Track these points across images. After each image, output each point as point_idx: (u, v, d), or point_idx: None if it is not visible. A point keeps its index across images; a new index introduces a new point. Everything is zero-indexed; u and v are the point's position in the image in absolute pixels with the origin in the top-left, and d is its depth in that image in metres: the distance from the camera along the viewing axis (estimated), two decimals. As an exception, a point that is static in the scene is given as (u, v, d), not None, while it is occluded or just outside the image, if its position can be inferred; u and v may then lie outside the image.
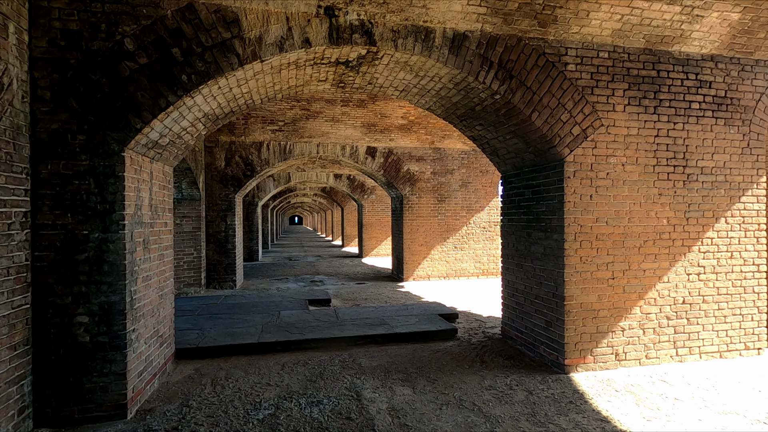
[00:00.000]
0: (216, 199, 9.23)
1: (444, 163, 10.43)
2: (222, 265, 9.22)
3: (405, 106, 8.88)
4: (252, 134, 9.23)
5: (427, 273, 10.25)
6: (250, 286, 9.62)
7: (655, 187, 4.33)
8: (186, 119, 3.75)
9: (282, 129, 9.20)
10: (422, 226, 10.23)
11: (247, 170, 9.35)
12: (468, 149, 10.55)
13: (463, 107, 4.59)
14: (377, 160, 10.06)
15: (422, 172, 10.31)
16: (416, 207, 10.23)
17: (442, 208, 10.38)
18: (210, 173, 9.19)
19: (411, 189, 10.22)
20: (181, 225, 8.49)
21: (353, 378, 4.05)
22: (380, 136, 9.75)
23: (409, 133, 9.81)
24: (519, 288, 4.88)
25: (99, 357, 3.17)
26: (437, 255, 10.30)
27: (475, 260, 10.53)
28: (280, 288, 9.35)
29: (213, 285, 9.17)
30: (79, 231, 3.15)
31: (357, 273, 11.86)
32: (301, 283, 10.14)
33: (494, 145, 4.93)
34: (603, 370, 4.18)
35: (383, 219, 16.49)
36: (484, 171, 10.62)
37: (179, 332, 5.09)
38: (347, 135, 9.59)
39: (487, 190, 10.64)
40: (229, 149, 9.29)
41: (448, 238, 10.38)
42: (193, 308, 6.49)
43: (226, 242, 9.24)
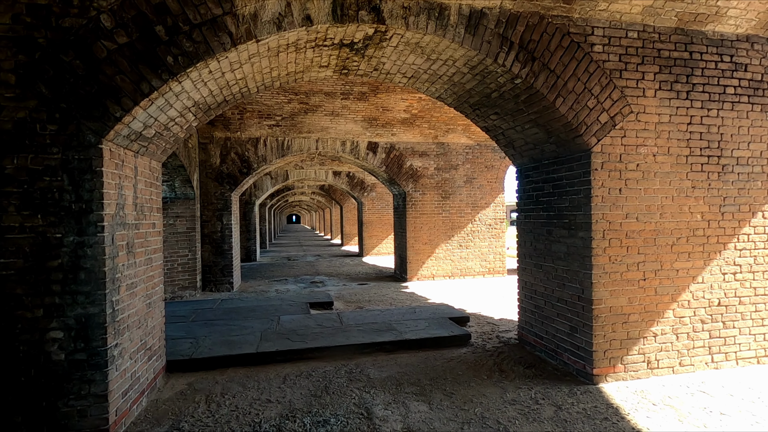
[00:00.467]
0: (211, 198, 8.83)
1: (448, 159, 10.06)
2: (218, 266, 8.84)
3: (407, 98, 8.51)
4: (248, 130, 8.83)
5: (432, 272, 9.90)
6: (248, 288, 9.24)
7: (688, 179, 3.97)
8: (174, 108, 3.37)
9: (279, 124, 8.80)
10: (426, 223, 9.87)
11: (244, 167, 8.96)
12: (473, 144, 10.18)
13: (477, 94, 4.21)
14: (379, 156, 9.68)
15: (425, 167, 9.94)
16: (419, 204, 9.86)
17: (447, 205, 10.02)
18: (205, 171, 8.79)
19: (414, 185, 9.85)
20: (174, 225, 8.10)
21: (362, 392, 3.69)
22: (382, 130, 9.37)
23: (412, 128, 9.44)
24: (538, 290, 4.52)
25: (76, 377, 2.79)
26: (442, 254, 9.95)
27: (481, 259, 10.18)
28: (280, 290, 8.97)
29: (209, 287, 8.79)
30: (51, 234, 2.77)
31: (358, 273, 11.50)
32: (301, 284, 9.77)
33: (510, 136, 4.56)
34: (634, 380, 3.83)
35: (384, 217, 16.12)
36: (490, 166, 10.26)
37: (171, 341, 4.71)
38: (347, 130, 9.20)
39: (492, 186, 10.28)
40: (225, 146, 8.89)
41: (453, 236, 10.02)
42: (187, 314, 6.11)
43: (223, 243, 8.86)
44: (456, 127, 9.59)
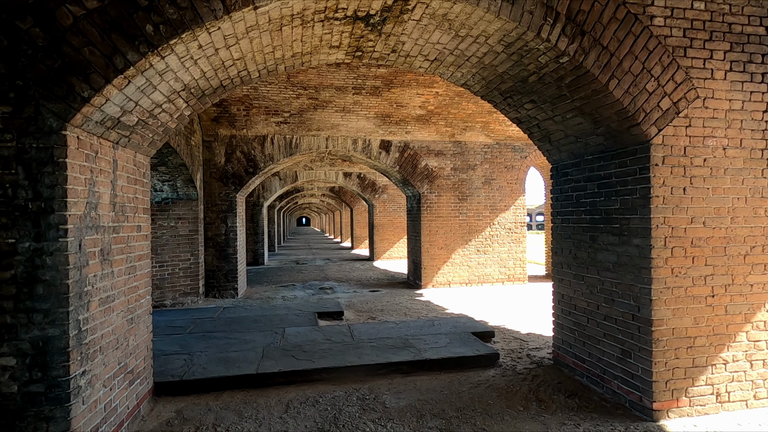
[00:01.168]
0: (215, 199, 8.38)
1: (465, 158, 9.48)
2: (222, 271, 8.37)
3: (423, 93, 7.96)
4: (254, 127, 8.37)
5: (448, 279, 9.31)
6: (253, 294, 8.75)
7: (764, 177, 3.36)
8: (159, 91, 2.87)
9: (287, 121, 8.32)
10: (442, 227, 9.29)
11: (250, 167, 8.49)
12: (491, 143, 9.59)
13: (511, 79, 3.65)
14: (392, 155, 9.14)
15: (441, 168, 9.37)
16: (435, 206, 9.29)
17: (464, 208, 9.43)
18: (209, 170, 8.34)
19: (429, 187, 9.29)
20: (176, 227, 7.65)
21: (377, 425, 3.14)
22: (395, 128, 8.84)
23: (428, 125, 8.89)
24: (579, 305, 3.93)
25: (31, 414, 2.29)
26: (458, 259, 9.36)
27: (500, 265, 9.57)
28: (287, 297, 8.47)
29: (212, 293, 8.32)
30: (2, 239, 2.27)
31: (369, 278, 10.95)
32: (309, 290, 9.25)
33: (547, 129, 3.99)
34: (701, 416, 3.21)
35: (395, 220, 15.58)
36: (510, 167, 9.66)
37: (163, 357, 4.22)
38: (359, 127, 8.69)
39: (512, 188, 9.67)
40: (230, 144, 8.44)
41: (471, 241, 9.43)
42: (185, 324, 5.62)
43: (227, 246, 8.39)
44: (474, 124, 9.02)
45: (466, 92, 8.03)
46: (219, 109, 7.83)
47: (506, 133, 9.37)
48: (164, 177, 7.29)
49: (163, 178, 7.31)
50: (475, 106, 8.46)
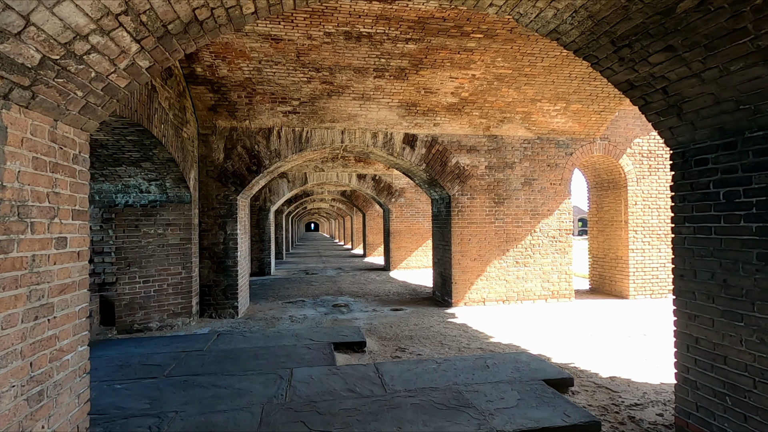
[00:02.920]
0: (213, 202, 7.18)
1: (502, 155, 8.18)
2: (220, 286, 7.14)
3: (458, 77, 6.71)
4: (258, 118, 7.17)
5: (482, 296, 7.98)
6: (256, 313, 7.51)
7: None
8: (75, 4, 1.64)
9: (297, 110, 7.11)
10: (475, 235, 7.99)
11: (253, 164, 7.29)
12: (532, 137, 8.28)
13: (641, 12, 2.36)
14: (417, 151, 7.88)
15: (475, 166, 8.08)
16: (467, 211, 8.00)
17: (500, 213, 8.12)
18: (205, 168, 7.15)
19: (461, 188, 7.99)
20: (164, 235, 6.45)
21: None
22: (422, 119, 7.58)
23: (459, 116, 7.62)
24: (734, 358, 2.60)
25: None
26: (494, 272, 8.03)
27: (542, 279, 8.22)
28: (295, 317, 7.21)
29: (208, 313, 7.10)
30: None
31: (388, 293, 9.66)
32: (321, 308, 7.99)
33: (680, 93, 2.68)
34: None
35: (414, 226, 14.29)
36: (553, 165, 8.33)
37: (120, 423, 2.97)
38: (380, 118, 7.45)
39: (556, 189, 8.33)
40: (230, 137, 7.24)
41: (508, 251, 8.10)
42: (165, 361, 4.38)
43: (226, 257, 7.17)
44: (513, 115, 7.73)
45: (508, 76, 6.77)
46: (216, 95, 6.64)
47: (550, 126, 8.07)
48: (150, 175, 6.11)
49: (149, 176, 6.12)
50: (517, 92, 7.18)
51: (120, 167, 5.85)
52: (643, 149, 8.70)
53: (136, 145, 5.31)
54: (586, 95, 7.44)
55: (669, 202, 8.73)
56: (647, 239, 8.64)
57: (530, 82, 6.99)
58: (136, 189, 6.34)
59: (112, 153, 5.47)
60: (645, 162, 8.70)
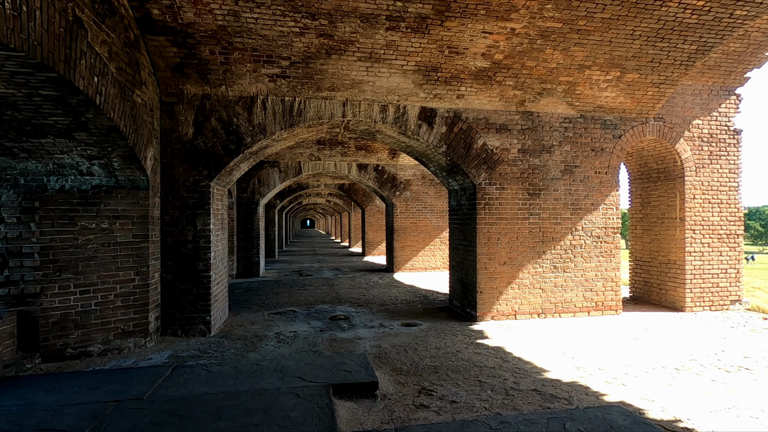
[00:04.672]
0: (179, 190, 5.67)
1: (538, 137, 6.72)
2: (188, 296, 5.64)
3: (492, 32, 5.23)
4: (238, 82, 5.65)
5: (513, 307, 6.54)
6: (234, 329, 6.02)
7: None
8: None
9: (287, 74, 5.61)
10: (505, 233, 6.53)
11: (231, 142, 5.78)
12: (574, 115, 6.82)
13: None
14: (436, 130, 6.40)
15: (505, 149, 6.61)
16: (496, 204, 6.54)
17: (535, 206, 6.67)
18: (169, 146, 5.63)
19: (488, 176, 6.53)
20: (110, 231, 4.94)
21: None
22: (443, 89, 6.10)
23: (489, 86, 6.15)
24: None
25: None
26: (527, 279, 6.59)
27: (584, 287, 6.78)
28: (282, 335, 5.72)
29: (173, 330, 5.60)
30: None
31: (396, 300, 8.19)
32: (315, 321, 6.50)
33: None
34: None
35: (420, 222, 12.82)
36: (598, 150, 6.89)
37: None
38: (391, 86, 5.96)
39: (601, 179, 6.90)
40: (201, 108, 5.72)
41: (545, 253, 6.66)
42: (75, 425, 2.88)
43: (196, 259, 5.67)
44: (555, 87, 6.27)
45: (556, 32, 5.30)
46: (182, 50, 5.12)
47: (596, 101, 6.61)
48: (90, 151, 4.59)
49: (88, 152, 4.61)
50: (563, 55, 5.71)
51: (46, 139, 4.33)
52: (703, 133, 7.28)
53: (58, 105, 3.79)
54: (646, 61, 5.99)
55: (733, 195, 7.32)
56: (707, 240, 7.23)
57: (582, 42, 5.52)
58: (74, 170, 4.83)
59: (29, 117, 3.95)
60: (705, 148, 7.28)
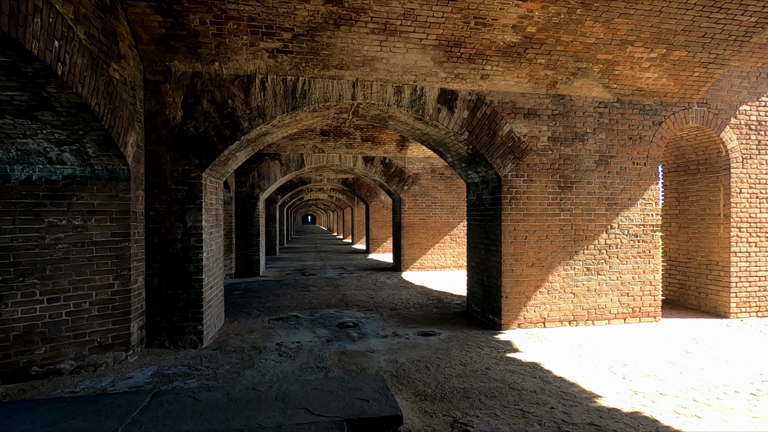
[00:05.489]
0: (167, 181, 4.98)
1: (570, 123, 6.01)
2: (177, 302, 4.97)
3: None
4: (233, 58, 4.94)
5: (541, 314, 5.85)
6: (230, 338, 5.35)
7: None
8: None
9: (289, 48, 4.89)
10: (533, 231, 5.84)
11: (225, 127, 5.08)
12: (610, 99, 6.10)
13: None
14: (457, 115, 5.69)
15: (534, 137, 5.90)
16: (523, 198, 5.84)
17: (567, 201, 5.97)
18: (155, 131, 4.93)
19: (515, 167, 5.83)
20: (84, 229, 4.25)
21: None
22: (466, 68, 5.38)
23: (518, 64, 5.42)
24: None
25: None
26: (558, 282, 5.90)
27: (620, 292, 6.09)
28: (284, 347, 5.05)
29: (159, 341, 4.92)
30: None
31: (408, 304, 7.51)
32: (321, 329, 5.83)
33: None
34: None
35: (429, 219, 12.12)
36: (636, 138, 6.17)
37: None
38: (408, 64, 5.24)
39: (640, 171, 6.18)
40: (192, 88, 5.02)
41: (577, 253, 5.96)
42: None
43: (186, 260, 4.99)
44: (591, 66, 5.54)
45: (598, 1, 4.58)
46: (168, 20, 4.41)
47: (636, 83, 5.89)
48: (59, 135, 3.90)
49: (57, 136, 3.92)
50: (605, 28, 4.99)
51: (3, 119, 3.64)
52: (751, 120, 6.55)
53: (10, 76, 3.10)
54: (697, 36, 5.26)
55: (783, 190, 6.60)
56: (754, 239, 6.53)
57: (628, 11, 4.79)
58: (41, 158, 4.13)
59: (-23, 91, 3.26)
60: (753, 137, 6.55)
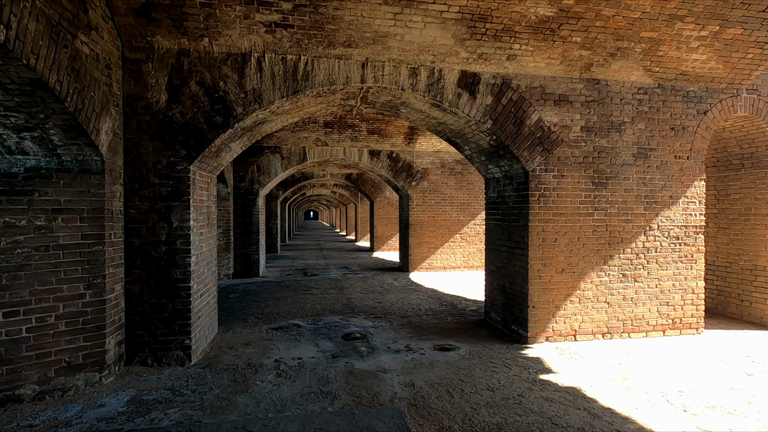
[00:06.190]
0: (149, 174, 4.35)
1: (606, 111, 5.34)
2: (161, 312, 4.36)
3: (567, -37, 3.83)
4: (225, 34, 4.29)
5: (571, 325, 5.21)
6: (223, 352, 4.74)
7: None
8: None
9: (289, 22, 4.23)
10: (564, 232, 5.19)
11: (217, 113, 4.44)
12: (651, 84, 5.42)
13: None
14: (480, 101, 5.03)
15: (565, 126, 5.24)
16: (553, 196, 5.19)
17: (601, 199, 5.31)
18: (135, 117, 4.30)
19: (544, 160, 5.17)
20: (48, 230, 3.63)
21: None
22: (490, 47, 4.72)
23: (549, 43, 4.75)
24: None
25: None
26: (590, 290, 5.25)
27: (659, 300, 5.44)
28: (284, 364, 4.43)
29: (141, 358, 4.32)
30: None
31: (419, 310, 6.88)
32: (325, 342, 5.21)
33: None
34: None
35: (439, 216, 11.47)
36: (678, 128, 5.50)
37: None
38: (425, 42, 4.58)
39: (683, 165, 5.52)
40: (177, 67, 4.37)
41: (612, 258, 5.31)
42: None
43: (171, 266, 4.37)
44: (632, 46, 4.86)
45: (649, -36, 3.90)
46: (147, -15, 3.76)
47: (681, 66, 5.21)
48: (15, 119, 3.27)
49: (13, 120, 3.29)
50: (653, 1, 4.31)
51: (-56, 99, 3.01)
52: (805, 108, 5.87)
53: (-61, 40, 2.47)
54: (757, 11, 4.57)
55: (840, 187, 5.93)
56: (807, 242, 5.86)
57: (683, -21, 4.12)
58: (-1, 146, 3.51)
59: None
60: (807, 127, 5.87)
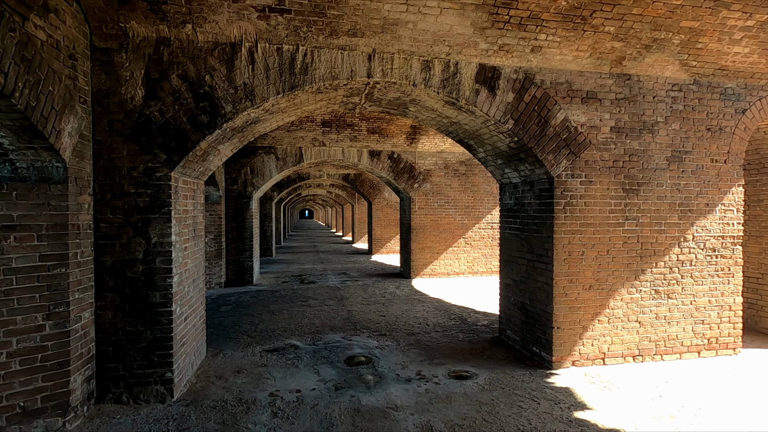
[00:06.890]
0: (123, 182, 3.76)
1: (637, 109, 4.82)
2: (138, 341, 3.78)
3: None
4: (211, 20, 3.71)
5: (600, 348, 4.70)
6: (211, 384, 4.17)
7: None
8: None
9: (285, 5, 3.65)
10: (592, 245, 4.67)
11: (202, 112, 3.86)
12: (686, 80, 4.91)
13: None
14: (500, 98, 4.49)
15: (594, 127, 4.72)
16: (580, 204, 4.66)
17: (632, 207, 4.80)
18: (106, 116, 3.71)
19: (570, 164, 4.65)
20: (3, 252, 3.05)
21: None
22: (513, 37, 4.17)
23: (579, 33, 4.21)
24: None
25: None
26: (620, 309, 4.74)
27: (693, 319, 4.95)
28: (281, 401, 3.87)
29: (115, 394, 3.74)
30: None
31: (427, 325, 6.34)
32: (327, 368, 4.65)
33: None
34: None
35: (442, 220, 10.94)
36: (715, 128, 5.00)
37: None
38: (440, 31, 4.02)
39: (720, 170, 5.02)
40: (156, 58, 3.79)
41: (644, 272, 4.81)
42: None
43: (150, 287, 3.79)
44: (670, 37, 4.33)
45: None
46: (118, -41, 3.17)
47: (721, 60, 4.70)
48: (-48, 118, 2.68)
49: (-49, 120, 2.69)
50: (699, -16, 3.79)
51: None
52: None
53: None
54: (812, -3, 4.06)
55: None
56: None
57: (737, -41, 3.60)
58: (-63, 151, 2.91)
59: None
60: None
